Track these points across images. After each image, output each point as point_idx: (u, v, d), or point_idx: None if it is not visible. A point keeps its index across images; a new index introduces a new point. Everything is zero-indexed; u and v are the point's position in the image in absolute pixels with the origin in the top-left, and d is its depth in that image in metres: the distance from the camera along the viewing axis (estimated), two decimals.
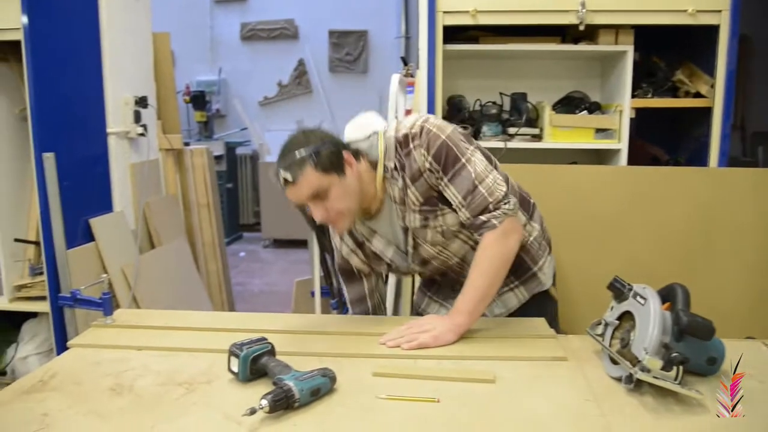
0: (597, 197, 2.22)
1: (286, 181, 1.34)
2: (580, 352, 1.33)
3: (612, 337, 1.26)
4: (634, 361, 1.12)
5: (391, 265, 1.59)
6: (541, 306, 1.63)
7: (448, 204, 1.44)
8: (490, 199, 1.39)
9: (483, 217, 1.39)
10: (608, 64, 2.74)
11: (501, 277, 1.43)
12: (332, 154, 1.36)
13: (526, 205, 1.62)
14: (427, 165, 1.40)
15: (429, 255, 1.54)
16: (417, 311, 1.78)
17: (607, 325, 1.29)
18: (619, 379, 1.15)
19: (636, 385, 1.11)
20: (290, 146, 1.36)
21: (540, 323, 1.50)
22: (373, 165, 1.45)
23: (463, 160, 1.40)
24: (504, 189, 1.41)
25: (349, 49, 6.81)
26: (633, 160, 2.57)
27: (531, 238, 1.60)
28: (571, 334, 1.47)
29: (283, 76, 6.94)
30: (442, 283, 1.68)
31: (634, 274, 1.40)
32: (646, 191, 2.22)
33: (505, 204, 1.40)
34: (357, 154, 1.44)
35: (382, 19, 6.69)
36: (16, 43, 2.39)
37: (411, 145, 1.41)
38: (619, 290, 1.27)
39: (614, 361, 1.20)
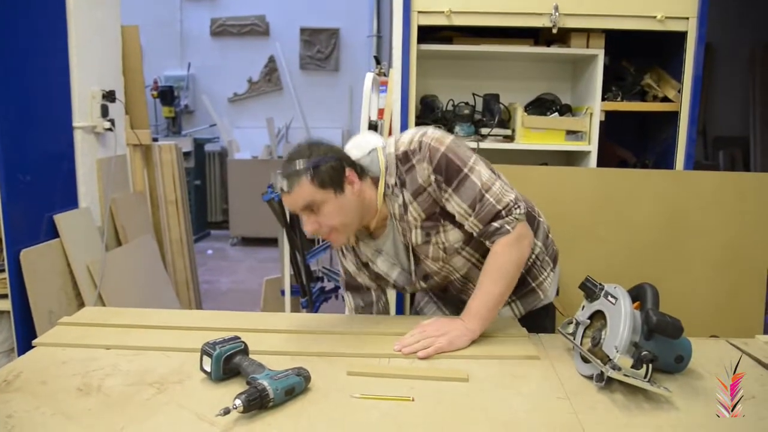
0: (567, 198, 2.25)
1: (282, 189, 1.35)
2: (552, 350, 1.35)
3: (583, 336, 1.28)
4: (605, 360, 1.14)
5: (396, 285, 1.59)
6: (537, 319, 1.61)
7: (451, 219, 1.43)
8: (500, 207, 1.38)
9: (496, 224, 1.39)
10: (579, 68, 2.78)
11: (513, 283, 1.43)
12: (332, 169, 1.35)
13: (531, 220, 1.55)
14: (432, 178, 1.38)
15: (431, 271, 1.53)
16: (416, 309, 1.79)
17: (578, 324, 1.31)
18: (590, 378, 1.17)
19: (607, 383, 1.13)
20: (293, 155, 1.36)
21: (511, 323, 1.51)
22: (375, 182, 1.44)
23: (466, 170, 1.38)
24: (512, 195, 1.41)
25: (320, 47, 6.78)
26: (602, 162, 2.61)
27: (533, 256, 1.56)
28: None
29: (253, 72, 6.88)
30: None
31: (605, 274, 1.42)
32: (615, 193, 2.26)
33: (516, 209, 1.39)
34: (362, 172, 1.43)
35: (354, 17, 6.67)
36: None
37: (413, 161, 1.39)
38: (590, 290, 1.29)
39: (585, 360, 1.22)
